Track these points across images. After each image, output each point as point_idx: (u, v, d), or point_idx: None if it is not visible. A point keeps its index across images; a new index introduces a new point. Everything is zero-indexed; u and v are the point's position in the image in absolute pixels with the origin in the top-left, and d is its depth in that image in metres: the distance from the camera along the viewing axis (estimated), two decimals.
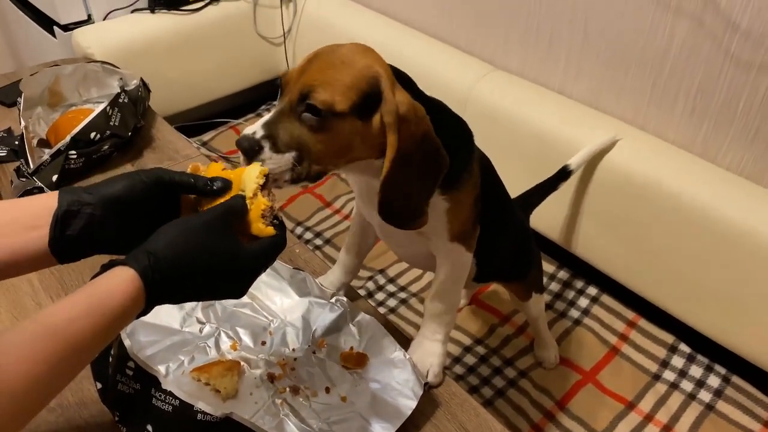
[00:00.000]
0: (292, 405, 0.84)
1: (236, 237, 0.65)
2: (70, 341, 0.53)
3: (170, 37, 2.04)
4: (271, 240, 0.68)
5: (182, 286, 0.62)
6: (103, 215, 0.65)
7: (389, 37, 1.93)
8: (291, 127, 0.72)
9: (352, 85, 0.72)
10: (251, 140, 0.71)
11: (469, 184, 0.86)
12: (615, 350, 1.50)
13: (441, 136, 0.80)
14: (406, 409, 0.82)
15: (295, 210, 1.92)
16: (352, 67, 0.73)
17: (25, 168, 1.26)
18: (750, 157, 1.35)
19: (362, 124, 0.74)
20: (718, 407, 1.37)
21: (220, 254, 0.63)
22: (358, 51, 0.76)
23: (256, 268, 0.67)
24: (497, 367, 1.49)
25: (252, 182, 0.70)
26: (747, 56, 1.26)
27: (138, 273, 0.58)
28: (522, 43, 1.68)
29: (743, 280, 1.30)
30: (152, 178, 0.68)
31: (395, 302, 1.64)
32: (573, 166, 1.43)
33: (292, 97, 0.73)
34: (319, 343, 0.93)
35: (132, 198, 0.66)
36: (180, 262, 0.60)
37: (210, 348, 0.91)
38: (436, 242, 0.90)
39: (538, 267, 1.34)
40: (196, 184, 0.70)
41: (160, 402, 0.74)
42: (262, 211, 0.68)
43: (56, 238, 0.63)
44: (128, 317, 0.58)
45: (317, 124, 0.72)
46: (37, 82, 1.43)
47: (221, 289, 0.66)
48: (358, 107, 0.72)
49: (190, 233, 0.62)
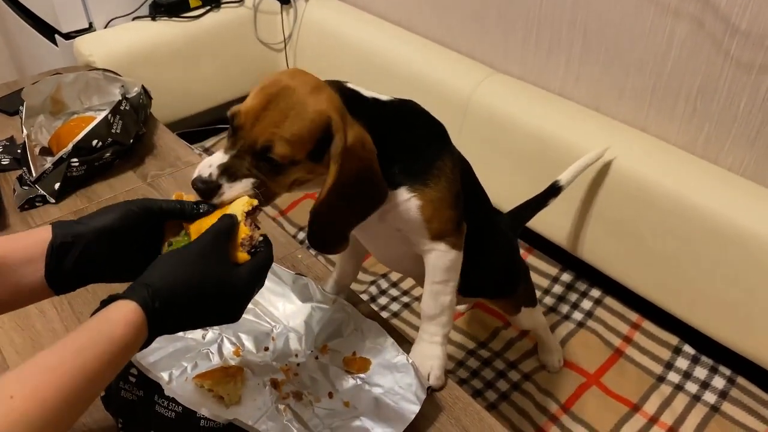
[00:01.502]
0: (295, 410, 0.84)
1: (228, 261, 0.67)
2: (80, 372, 0.54)
3: (171, 44, 2.04)
4: (260, 258, 0.70)
5: (181, 313, 0.64)
6: (97, 246, 0.67)
7: (390, 42, 1.93)
8: (247, 167, 0.75)
9: (309, 137, 0.75)
10: (208, 182, 0.73)
11: (441, 181, 0.86)
12: (619, 352, 1.49)
13: (407, 135, 0.84)
14: (410, 413, 0.82)
15: (296, 215, 1.93)
16: (306, 117, 0.75)
17: (28, 176, 1.27)
18: (751, 158, 1.34)
19: (315, 164, 0.78)
20: (723, 408, 1.36)
21: (214, 280, 0.64)
22: (310, 92, 0.76)
23: (249, 289, 0.69)
24: (501, 370, 1.49)
25: (238, 210, 0.71)
26: (747, 57, 1.26)
27: (138, 304, 0.60)
28: (522, 47, 1.68)
29: (747, 280, 1.30)
30: (141, 207, 0.70)
31: (398, 306, 1.64)
32: (563, 182, 1.42)
33: (250, 146, 0.74)
34: (321, 349, 0.93)
35: (124, 228, 0.69)
36: (177, 290, 0.62)
37: (213, 354, 0.91)
38: (416, 241, 0.89)
39: (526, 281, 1.33)
40: (183, 210, 0.72)
41: (163, 409, 0.74)
42: (241, 239, 0.69)
43: (52, 271, 0.66)
44: (133, 347, 0.60)
45: (274, 171, 0.75)
46: (39, 90, 1.43)
47: (218, 314, 0.68)
48: (312, 153, 0.76)
49: (184, 263, 0.64)
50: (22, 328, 0.98)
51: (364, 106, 0.82)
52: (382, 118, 0.83)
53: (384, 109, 0.85)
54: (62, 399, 0.53)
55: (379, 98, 0.85)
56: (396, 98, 0.87)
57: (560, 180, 1.42)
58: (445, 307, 0.92)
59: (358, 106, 0.80)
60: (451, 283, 0.92)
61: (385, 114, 0.84)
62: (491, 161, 1.70)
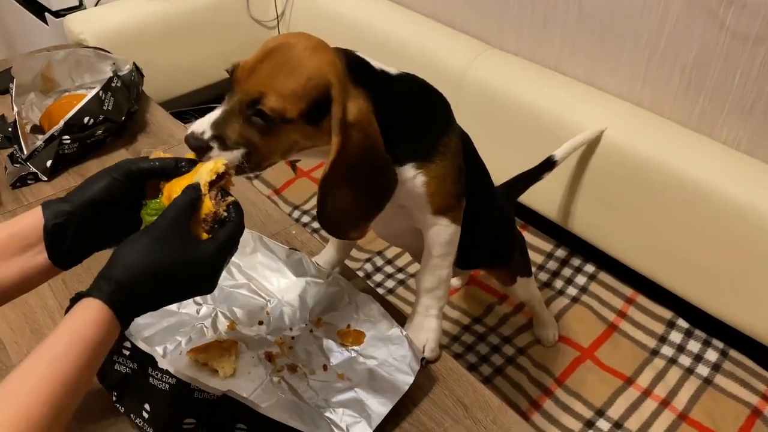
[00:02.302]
0: (290, 383, 0.84)
1: (191, 240, 0.65)
2: (61, 381, 0.55)
3: (163, 21, 2.02)
4: (228, 231, 0.67)
5: (149, 300, 0.64)
6: (88, 219, 0.67)
7: (384, 17, 1.92)
8: (239, 127, 0.73)
9: (303, 94, 0.73)
10: (200, 140, 0.72)
11: (447, 157, 0.85)
12: (613, 327, 1.50)
13: (413, 111, 0.82)
14: (404, 384, 0.82)
15: (291, 194, 1.92)
16: (303, 74, 0.73)
17: (19, 154, 1.26)
18: (746, 131, 1.34)
19: (311, 128, 0.75)
20: (716, 381, 1.37)
21: (178, 263, 0.63)
22: (311, 51, 0.74)
23: (218, 263, 0.67)
24: (495, 345, 1.50)
25: (202, 179, 0.68)
26: (743, 28, 1.25)
27: (104, 302, 0.60)
28: (517, 22, 1.67)
29: (740, 254, 1.30)
30: (123, 173, 0.69)
31: (393, 283, 1.64)
32: (558, 157, 1.43)
33: (241, 99, 0.73)
34: (316, 322, 0.93)
35: (109, 197, 0.68)
36: (140, 280, 0.62)
37: (207, 328, 0.91)
38: (419, 217, 0.89)
39: (522, 252, 1.34)
40: (164, 169, 0.71)
41: (157, 381, 0.74)
42: (204, 215, 0.67)
43: (54, 252, 0.66)
44: (108, 343, 0.61)
45: (266, 128, 0.73)
46: (29, 67, 1.42)
47: (188, 292, 0.67)
48: (307, 113, 0.73)
49: (145, 250, 0.62)
50: (16, 304, 0.97)
51: (371, 76, 0.80)
52: (388, 92, 0.81)
53: (391, 82, 0.83)
54: (50, 411, 0.54)
55: (387, 71, 0.83)
56: (403, 72, 0.85)
57: (555, 155, 1.43)
58: (442, 281, 0.93)
59: (364, 76, 0.78)
60: (449, 257, 0.93)
61: (392, 88, 0.82)
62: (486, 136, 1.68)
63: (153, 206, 0.69)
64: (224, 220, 0.68)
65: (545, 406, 1.36)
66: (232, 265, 1.00)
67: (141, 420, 0.77)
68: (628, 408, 1.35)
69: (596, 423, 1.33)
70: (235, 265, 1.00)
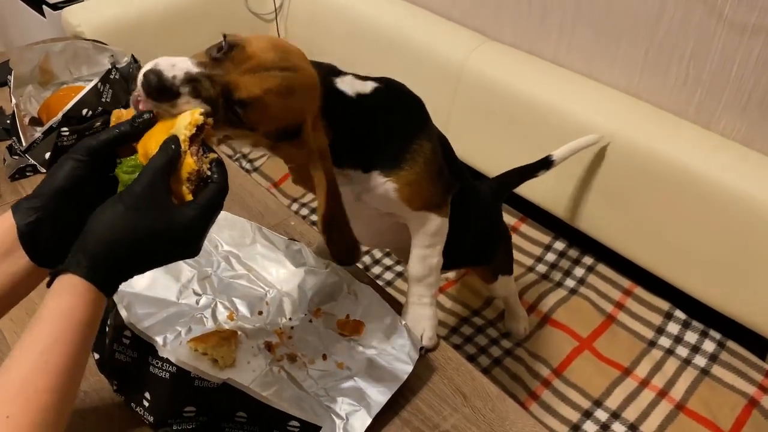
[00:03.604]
0: (290, 372, 0.85)
1: (169, 204, 0.62)
2: (60, 365, 0.55)
3: (160, 14, 2.02)
4: (210, 193, 0.64)
5: (129, 269, 0.62)
6: (61, 210, 0.64)
7: (381, 10, 1.91)
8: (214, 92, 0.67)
9: (281, 124, 0.73)
10: (167, 81, 0.64)
11: (418, 162, 0.85)
12: (611, 318, 1.51)
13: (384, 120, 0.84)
14: (402, 373, 0.83)
15: (289, 187, 1.92)
16: (291, 110, 0.73)
17: (18, 146, 1.26)
18: (743, 122, 1.34)
19: (271, 143, 0.76)
20: (713, 371, 1.38)
21: (155, 230, 0.60)
22: (306, 90, 0.74)
23: (202, 225, 0.64)
24: (494, 338, 1.50)
25: (180, 133, 0.62)
26: (740, 18, 1.25)
27: (83, 278, 0.58)
28: (515, 14, 1.67)
29: (737, 245, 1.31)
30: (84, 151, 0.65)
31: (392, 275, 1.65)
32: (556, 157, 1.41)
33: (230, 86, 0.68)
34: (315, 312, 0.93)
35: (77, 181, 0.65)
36: (116, 253, 0.60)
37: (207, 319, 0.91)
38: (402, 215, 0.90)
39: (506, 249, 1.34)
40: (124, 134, 0.66)
41: (158, 369, 0.74)
42: (187, 174, 0.62)
43: (33, 252, 0.64)
44: (97, 317, 0.60)
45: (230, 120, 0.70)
46: (27, 59, 1.41)
47: (171, 257, 0.64)
48: (273, 135, 0.74)
49: (119, 218, 0.60)
50: None
51: (344, 106, 0.80)
52: (360, 114, 0.81)
53: (365, 101, 0.82)
54: (57, 396, 0.55)
55: (362, 92, 0.82)
56: (378, 81, 0.85)
57: (553, 155, 1.42)
58: (433, 269, 0.93)
59: (336, 107, 0.79)
60: (438, 246, 0.93)
61: (366, 107, 0.82)
62: (484, 128, 1.69)
63: (128, 163, 0.65)
64: (207, 179, 0.64)
65: (543, 396, 1.37)
66: (231, 255, 1.01)
67: (141, 408, 0.77)
68: (625, 398, 1.35)
69: (594, 413, 1.33)
70: (234, 255, 1.01)
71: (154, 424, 0.77)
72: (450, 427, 0.81)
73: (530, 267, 1.64)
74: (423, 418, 0.82)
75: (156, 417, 0.77)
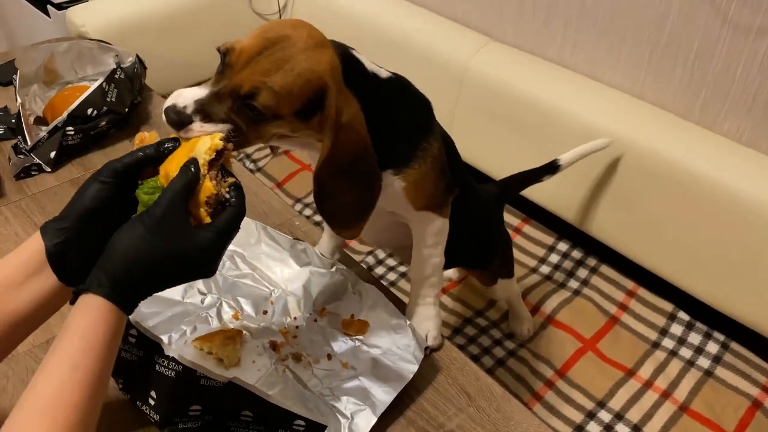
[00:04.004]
0: (295, 371, 0.85)
1: (188, 227, 0.64)
2: (84, 382, 0.57)
3: (164, 14, 2.02)
4: (228, 217, 0.66)
5: (149, 289, 0.64)
6: (87, 230, 0.66)
7: (385, 10, 1.91)
8: (226, 110, 0.70)
9: (299, 94, 0.71)
10: (180, 113, 0.68)
11: (426, 161, 0.84)
12: (614, 319, 1.51)
13: (396, 116, 0.82)
14: (408, 373, 0.83)
15: (293, 187, 1.92)
16: (301, 75, 0.70)
17: (23, 145, 1.26)
18: (748, 124, 1.34)
19: (301, 123, 0.74)
20: (717, 373, 1.38)
21: (174, 253, 0.62)
22: (312, 50, 0.72)
23: (219, 248, 0.66)
24: (497, 338, 1.50)
25: (200, 157, 0.65)
26: (745, 20, 1.25)
27: (105, 298, 0.60)
28: (518, 15, 1.67)
29: (741, 246, 1.31)
30: (109, 174, 0.67)
31: (395, 275, 1.65)
32: (563, 162, 1.39)
33: (233, 88, 0.70)
34: (320, 311, 0.93)
35: (102, 202, 0.67)
36: (137, 274, 0.61)
37: (212, 318, 0.91)
38: (405, 215, 0.90)
39: (506, 254, 1.33)
40: (148, 157, 0.69)
41: (164, 368, 0.75)
42: (206, 198, 0.64)
43: (61, 272, 0.66)
44: (118, 335, 0.62)
45: (254, 119, 0.71)
46: (32, 59, 1.42)
47: (189, 278, 0.67)
48: (299, 112, 0.72)
49: (139, 242, 0.62)
50: None
51: (364, 80, 0.78)
52: (376, 97, 0.79)
53: (380, 86, 0.81)
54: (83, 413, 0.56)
55: (378, 74, 0.81)
56: (392, 74, 0.85)
57: (560, 160, 1.39)
58: (436, 269, 0.93)
59: (357, 78, 0.76)
60: (439, 246, 0.93)
61: (380, 92, 0.81)
62: (488, 130, 1.69)
63: (149, 184, 0.67)
64: (225, 202, 0.66)
65: (546, 397, 1.37)
66: (236, 255, 1.01)
67: (147, 407, 0.78)
68: (629, 399, 1.35)
69: (597, 414, 1.33)
70: (239, 255, 1.01)
71: (159, 423, 0.77)
72: (455, 426, 0.81)
73: (534, 268, 1.65)
74: (428, 418, 0.82)
75: (162, 415, 0.77)
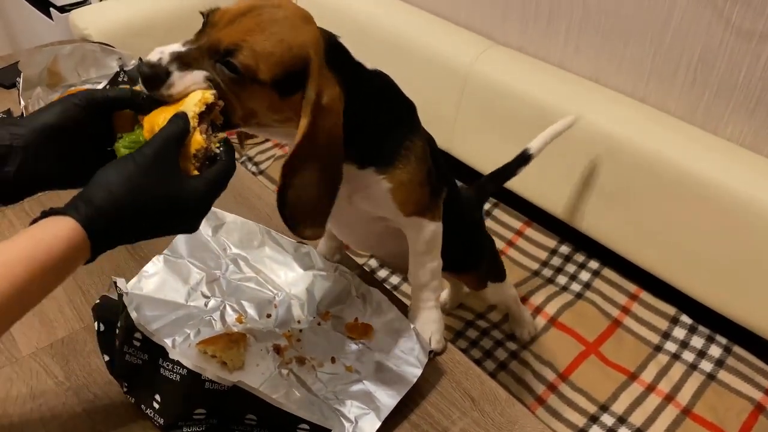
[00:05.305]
0: (299, 375, 0.85)
1: (178, 172, 0.61)
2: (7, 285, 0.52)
3: (168, 16, 2.02)
4: (218, 169, 0.63)
5: (126, 231, 0.60)
6: (39, 146, 0.60)
7: (387, 12, 1.92)
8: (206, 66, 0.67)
9: (280, 60, 0.68)
10: (156, 66, 0.64)
11: (411, 161, 0.82)
12: (617, 323, 1.51)
13: (379, 111, 0.80)
14: (412, 377, 0.83)
15: None
16: (285, 40, 0.68)
17: None
18: (750, 128, 1.34)
19: (278, 99, 0.70)
20: (720, 377, 1.38)
21: (163, 196, 0.59)
22: (298, 21, 0.71)
23: (205, 203, 0.63)
24: (499, 340, 1.50)
25: (190, 110, 0.63)
26: (748, 25, 1.25)
27: (79, 223, 0.56)
28: (521, 18, 1.67)
29: (744, 250, 1.31)
30: (84, 99, 0.63)
31: (398, 279, 1.65)
32: (533, 150, 1.38)
33: (214, 44, 0.67)
34: (324, 315, 0.93)
35: (66, 123, 0.61)
36: (121, 208, 0.57)
37: (216, 321, 0.92)
38: (395, 220, 0.89)
39: (492, 257, 1.31)
40: (134, 99, 0.65)
41: (168, 372, 0.74)
42: (195, 151, 0.62)
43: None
44: (72, 266, 0.57)
45: (232, 81, 0.67)
46: (36, 62, 1.42)
47: (169, 229, 0.63)
48: (279, 82, 0.69)
49: (129, 177, 0.58)
50: None
51: (347, 65, 0.76)
52: (360, 86, 0.77)
53: (364, 76, 0.79)
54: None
55: (363, 64, 0.80)
56: (376, 69, 0.82)
57: (530, 148, 1.38)
58: (434, 273, 0.93)
59: (340, 63, 0.74)
60: (435, 250, 0.93)
61: (364, 82, 0.79)
62: (490, 132, 1.70)
63: (130, 138, 0.64)
64: (215, 158, 0.65)
65: (549, 401, 1.37)
66: (239, 258, 1.01)
67: (152, 410, 0.78)
68: (632, 403, 1.35)
69: (600, 418, 1.33)
70: (243, 258, 1.01)
71: (164, 426, 0.77)
72: (459, 430, 0.81)
73: (536, 271, 1.65)
74: (432, 422, 0.82)
75: (166, 419, 0.77)
